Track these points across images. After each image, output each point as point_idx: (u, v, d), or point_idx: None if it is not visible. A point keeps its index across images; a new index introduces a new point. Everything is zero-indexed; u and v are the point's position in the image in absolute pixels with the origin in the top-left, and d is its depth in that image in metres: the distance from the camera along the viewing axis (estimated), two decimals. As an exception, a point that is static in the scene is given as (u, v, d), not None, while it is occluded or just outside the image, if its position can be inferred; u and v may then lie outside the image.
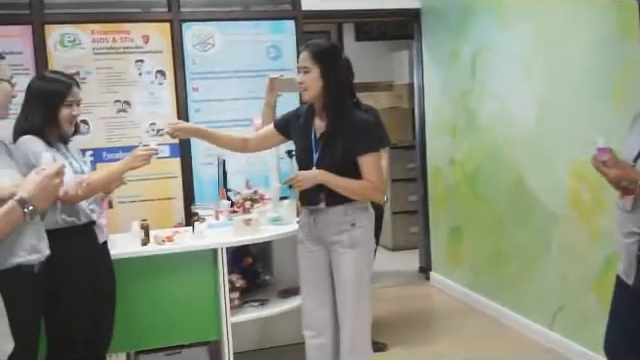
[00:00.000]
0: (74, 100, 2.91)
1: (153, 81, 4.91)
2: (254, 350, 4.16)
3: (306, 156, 2.98)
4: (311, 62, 2.87)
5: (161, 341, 3.68)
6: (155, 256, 3.56)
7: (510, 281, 4.46)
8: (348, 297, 2.96)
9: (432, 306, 5.27)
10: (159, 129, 4.92)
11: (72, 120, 2.93)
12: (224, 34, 5.04)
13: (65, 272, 2.73)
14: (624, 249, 2.40)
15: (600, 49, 3.46)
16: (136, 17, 4.92)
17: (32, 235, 2.48)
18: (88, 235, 2.94)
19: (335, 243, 2.96)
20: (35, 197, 1.76)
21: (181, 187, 4.96)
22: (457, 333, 4.48)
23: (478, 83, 4.76)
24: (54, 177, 1.84)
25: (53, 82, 2.90)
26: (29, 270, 2.44)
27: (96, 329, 3.00)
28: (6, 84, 2.39)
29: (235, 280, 3.88)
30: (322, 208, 2.94)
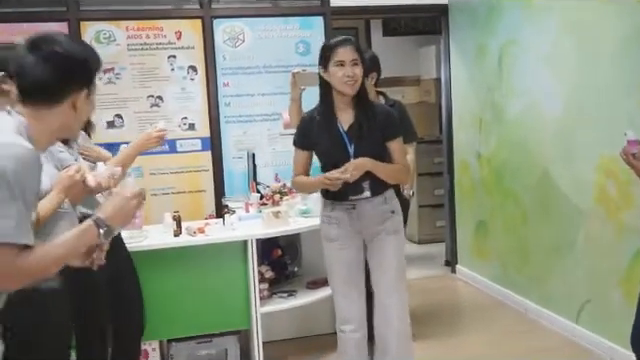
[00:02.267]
0: None
1: (185, 76, 4.95)
2: (282, 340, 4.17)
3: (339, 150, 2.92)
4: (358, 55, 2.87)
5: (192, 330, 3.71)
6: (187, 247, 3.59)
7: (536, 275, 4.42)
8: (394, 282, 3.01)
9: (458, 299, 5.24)
10: (191, 123, 4.97)
11: None
12: (254, 30, 5.06)
13: None
14: None
15: (629, 44, 3.40)
16: (169, 14, 4.96)
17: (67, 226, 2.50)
18: None
19: (378, 232, 2.97)
20: (112, 218, 1.75)
21: (212, 180, 5.00)
22: (483, 326, 4.45)
23: (505, 78, 4.71)
24: (132, 199, 1.84)
25: None
26: (64, 265, 2.49)
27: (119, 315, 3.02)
28: None
29: (264, 271, 3.90)
30: (367, 197, 2.91)
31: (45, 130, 1.76)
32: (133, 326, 3.17)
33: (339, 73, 2.85)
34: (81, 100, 1.78)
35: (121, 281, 3.05)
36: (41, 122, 1.74)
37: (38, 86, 1.73)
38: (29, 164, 1.58)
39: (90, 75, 1.81)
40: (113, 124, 4.80)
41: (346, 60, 2.84)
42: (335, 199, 2.98)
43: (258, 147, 4.71)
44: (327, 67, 2.91)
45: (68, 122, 1.80)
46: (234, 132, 5.01)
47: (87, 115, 1.89)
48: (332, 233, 3.02)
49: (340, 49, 2.87)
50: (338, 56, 2.85)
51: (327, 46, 2.98)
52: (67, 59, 1.75)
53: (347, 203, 2.95)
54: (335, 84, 2.89)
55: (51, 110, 1.74)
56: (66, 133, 1.91)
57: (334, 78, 2.88)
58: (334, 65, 2.86)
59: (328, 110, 2.96)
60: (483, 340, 4.17)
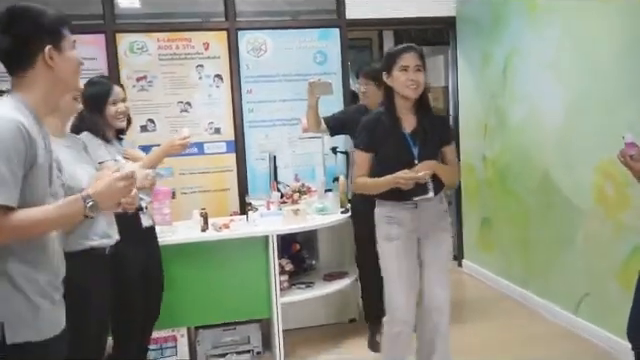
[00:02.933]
0: (116, 99, 2.94)
1: (211, 84, 4.97)
2: (300, 328, 4.18)
3: (404, 153, 2.84)
4: (421, 62, 2.82)
5: (218, 318, 3.73)
6: (213, 241, 3.61)
7: (538, 269, 4.40)
8: (446, 277, 3.00)
9: (464, 291, 5.22)
10: (217, 127, 5.00)
11: (119, 115, 2.95)
12: (275, 41, 5.07)
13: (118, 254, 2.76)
14: None
15: (627, 53, 3.37)
16: (197, 26, 4.99)
17: (104, 222, 2.55)
18: (134, 220, 2.94)
19: (434, 230, 2.94)
20: (99, 195, 1.74)
21: (236, 180, 5.02)
22: (487, 316, 4.43)
23: (509, 85, 4.68)
24: (123, 180, 1.82)
25: (96, 85, 2.93)
26: (101, 252, 2.52)
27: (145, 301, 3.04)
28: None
29: (284, 264, 3.91)
30: (430, 197, 2.83)
31: (37, 96, 1.75)
32: (154, 314, 3.18)
33: (402, 77, 2.79)
34: (51, 56, 1.73)
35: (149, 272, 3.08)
36: (29, 90, 1.74)
37: (4, 56, 1.74)
38: (9, 133, 1.58)
39: (46, 32, 1.74)
40: (146, 128, 4.84)
41: (410, 65, 2.79)
42: (397, 199, 2.86)
43: (279, 149, 4.73)
44: (391, 72, 2.85)
45: (53, 80, 1.76)
46: (257, 136, 5.03)
47: (71, 69, 1.81)
48: (393, 233, 2.92)
49: (405, 54, 2.81)
50: (403, 61, 2.80)
51: (392, 52, 2.92)
52: (17, 24, 1.73)
53: (410, 203, 2.85)
54: (398, 88, 2.83)
55: (30, 74, 1.73)
56: (60, 91, 1.84)
57: (397, 82, 2.82)
58: (398, 70, 2.80)
59: (391, 114, 2.89)
60: (487, 329, 4.15)
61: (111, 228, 2.60)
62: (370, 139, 2.92)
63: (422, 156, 2.83)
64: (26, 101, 1.73)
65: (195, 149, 4.89)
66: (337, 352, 3.88)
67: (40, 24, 1.73)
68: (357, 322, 4.31)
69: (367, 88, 3.90)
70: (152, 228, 3.13)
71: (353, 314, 4.36)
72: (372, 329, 3.98)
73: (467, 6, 5.30)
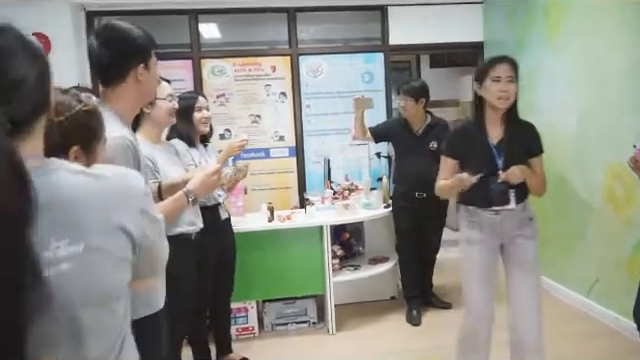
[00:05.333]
0: (201, 106, 2.97)
1: (277, 100, 5.01)
2: (349, 303, 4.15)
3: (488, 163, 2.43)
4: (514, 73, 2.43)
5: (281, 293, 3.75)
6: (278, 230, 3.63)
7: (554, 259, 4.23)
8: (535, 284, 2.52)
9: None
10: (281, 136, 5.02)
11: (205, 121, 2.98)
12: (329, 64, 5.06)
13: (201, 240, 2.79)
14: None
15: (634, 71, 3.20)
16: (266, 52, 5.04)
17: (191, 212, 2.58)
18: (214, 213, 2.97)
19: (517, 236, 2.50)
20: (197, 189, 1.83)
21: (296, 179, 5.04)
22: (508, 297, 4.30)
23: (527, 99, 4.50)
24: (212, 175, 1.90)
25: (185, 99, 2.94)
26: (188, 237, 2.55)
27: (220, 281, 3.06)
28: (164, 101, 2.40)
29: (336, 250, 3.90)
30: (512, 207, 2.45)
31: (125, 106, 1.73)
32: (229, 290, 3.21)
33: (494, 88, 2.40)
34: (141, 73, 1.71)
35: (226, 255, 3.11)
36: (119, 101, 1.71)
37: (103, 68, 1.70)
38: (122, 150, 1.61)
39: (142, 52, 1.72)
40: (224, 136, 4.91)
41: (502, 76, 2.40)
42: (479, 207, 2.48)
43: (332, 154, 4.71)
44: (483, 82, 2.45)
45: (140, 94, 1.74)
46: (314, 143, 5.04)
47: (154, 85, 1.81)
48: (474, 237, 2.51)
49: (498, 65, 2.43)
50: (495, 72, 2.40)
51: (486, 63, 2.52)
52: (117, 41, 1.70)
53: (491, 211, 2.47)
54: (489, 98, 2.43)
55: (122, 86, 1.70)
56: (142, 102, 1.83)
57: (489, 93, 2.42)
58: (490, 80, 2.40)
59: (479, 124, 2.50)
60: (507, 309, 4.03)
61: (197, 217, 2.62)
62: (454, 147, 2.55)
63: (507, 167, 2.42)
64: (118, 112, 1.70)
65: (263, 153, 4.94)
66: (379, 324, 3.84)
67: (137, 44, 1.72)
68: (396, 299, 4.25)
69: (406, 103, 3.82)
70: (228, 219, 3.16)
71: (393, 293, 4.30)
72: (409, 306, 3.93)
73: (493, 32, 5.15)
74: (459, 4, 5.14)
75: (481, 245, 2.50)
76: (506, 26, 4.85)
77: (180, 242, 2.48)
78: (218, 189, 2.95)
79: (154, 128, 2.43)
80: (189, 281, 2.59)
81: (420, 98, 3.78)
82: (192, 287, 2.62)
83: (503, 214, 2.45)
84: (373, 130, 3.97)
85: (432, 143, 3.79)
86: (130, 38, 1.71)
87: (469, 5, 5.19)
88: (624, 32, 3.28)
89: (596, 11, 3.57)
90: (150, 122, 2.42)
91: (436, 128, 3.85)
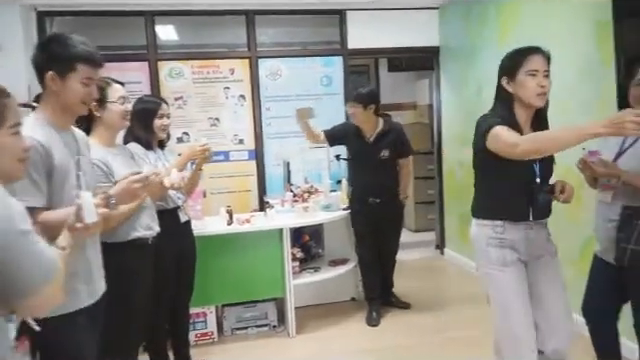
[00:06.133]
0: (164, 114, 2.91)
1: (236, 103, 4.98)
2: (309, 305, 4.16)
3: (529, 168, 2.10)
4: (549, 67, 2.12)
5: (240, 297, 3.71)
6: (237, 233, 3.59)
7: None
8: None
9: (446, 275, 5.19)
10: (240, 139, 4.99)
11: (164, 128, 2.93)
12: (289, 67, 5.07)
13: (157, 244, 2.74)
14: (604, 233, 2.31)
15: (584, 75, 3.33)
16: (224, 55, 4.99)
17: (147, 216, 2.54)
18: (173, 216, 2.93)
19: (542, 254, 2.19)
20: (118, 195, 1.76)
21: (256, 182, 5.02)
22: (465, 296, 4.39)
23: (482, 103, 4.60)
24: (135, 183, 1.84)
25: (147, 102, 2.91)
26: (144, 242, 2.51)
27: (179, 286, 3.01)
28: (115, 104, 2.34)
29: (295, 252, 3.89)
30: (546, 220, 2.21)
31: (51, 110, 1.76)
32: (188, 294, 3.16)
33: (531, 83, 2.04)
34: (52, 80, 1.72)
35: (186, 259, 3.07)
36: (45, 105, 1.77)
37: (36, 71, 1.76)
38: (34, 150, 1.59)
39: (55, 60, 1.72)
40: (182, 139, 4.84)
41: (540, 70, 2.06)
42: (514, 220, 2.12)
43: (292, 157, 4.70)
44: (514, 76, 2.08)
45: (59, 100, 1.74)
46: (273, 146, 5.03)
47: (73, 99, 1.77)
48: (508, 257, 2.12)
49: (533, 57, 2.07)
50: (531, 64, 2.05)
51: (517, 53, 2.12)
52: (42, 47, 1.75)
53: (525, 224, 2.12)
54: (524, 95, 2.07)
55: (45, 91, 1.75)
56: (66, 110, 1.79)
57: (523, 89, 2.06)
58: (525, 74, 2.05)
59: (513, 125, 2.05)
60: (466, 307, 4.12)
61: (153, 221, 2.59)
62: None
63: (543, 174, 2.13)
64: (45, 116, 1.74)
65: (222, 157, 4.90)
66: (340, 325, 3.86)
67: (53, 52, 1.73)
68: (356, 301, 4.29)
69: (354, 110, 3.75)
70: (188, 222, 3.12)
71: (353, 294, 4.34)
72: (370, 307, 3.96)
73: (449, 37, 5.27)
74: (416, 9, 5.24)
75: (516, 266, 2.12)
76: (461, 31, 4.97)
77: (137, 247, 2.46)
78: (177, 192, 2.91)
79: (107, 131, 2.38)
80: (146, 286, 2.55)
81: (369, 104, 3.72)
82: (148, 293, 2.57)
83: (536, 228, 2.15)
84: (328, 133, 3.97)
85: (383, 152, 3.78)
86: (51, 45, 1.74)
87: (425, 10, 5.29)
88: (574, 37, 3.41)
89: (546, 17, 3.70)
90: (102, 125, 2.37)
91: (390, 134, 3.83)
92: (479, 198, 2.27)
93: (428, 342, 3.50)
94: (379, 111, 3.85)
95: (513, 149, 1.91)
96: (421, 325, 3.79)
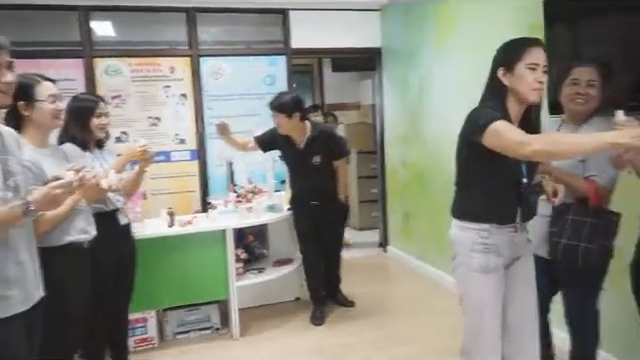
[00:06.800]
0: (102, 112, 2.79)
1: (178, 102, 4.87)
2: (253, 307, 4.13)
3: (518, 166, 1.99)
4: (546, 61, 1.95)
5: (182, 300, 3.63)
6: (179, 235, 3.52)
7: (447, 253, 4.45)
8: (536, 303, 2.15)
9: (389, 272, 5.27)
10: (182, 139, 4.88)
11: (102, 127, 2.81)
12: (231, 66, 5.01)
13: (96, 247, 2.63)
14: (539, 229, 2.37)
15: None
16: (165, 53, 4.86)
17: (83, 220, 2.45)
18: (112, 219, 2.83)
19: (522, 255, 2.12)
20: (36, 202, 1.67)
21: (199, 183, 4.93)
22: (407, 292, 4.49)
23: (423, 104, 4.76)
24: (56, 189, 1.75)
25: (84, 100, 2.80)
26: (79, 246, 2.42)
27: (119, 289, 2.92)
28: (44, 103, 2.23)
29: (239, 253, 3.84)
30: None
31: None
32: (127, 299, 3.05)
33: (530, 77, 1.91)
34: None
35: (125, 263, 2.97)
36: None
37: None
38: None
39: None
40: (120, 139, 4.68)
41: (540, 64, 1.92)
42: (501, 224, 2.01)
43: (235, 157, 4.64)
44: (513, 68, 1.95)
45: None
46: (216, 145, 4.93)
47: None
48: (490, 264, 2.01)
49: (534, 50, 1.93)
50: (532, 57, 1.92)
51: (516, 43, 2.00)
52: None
53: (511, 226, 2.03)
54: (521, 89, 1.94)
55: None
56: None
57: (521, 82, 1.93)
58: (525, 67, 1.92)
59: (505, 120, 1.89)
60: (407, 302, 4.21)
61: (89, 225, 2.49)
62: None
63: (529, 174, 2.03)
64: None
65: (163, 157, 4.78)
66: (284, 326, 3.84)
67: None
68: (301, 300, 4.29)
69: (279, 120, 3.66)
70: (128, 225, 3.02)
71: (298, 294, 4.33)
72: (314, 306, 3.97)
73: (390, 39, 5.36)
74: (358, 10, 5.29)
75: (497, 273, 2.03)
76: (402, 34, 5.06)
77: (71, 251, 2.37)
78: (116, 194, 2.82)
79: (37, 131, 2.26)
80: (82, 292, 2.45)
81: (293, 113, 3.62)
82: (85, 298, 2.48)
83: (520, 230, 2.07)
84: (259, 139, 3.92)
85: (315, 158, 3.75)
86: None
87: (367, 12, 5.35)
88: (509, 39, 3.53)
89: (482, 19, 3.82)
90: (32, 125, 2.25)
91: (319, 139, 3.77)
92: (464, 198, 2.11)
93: (372, 339, 3.54)
94: (305, 117, 3.77)
95: (521, 148, 1.75)
96: (365, 323, 3.83)
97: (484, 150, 1.89)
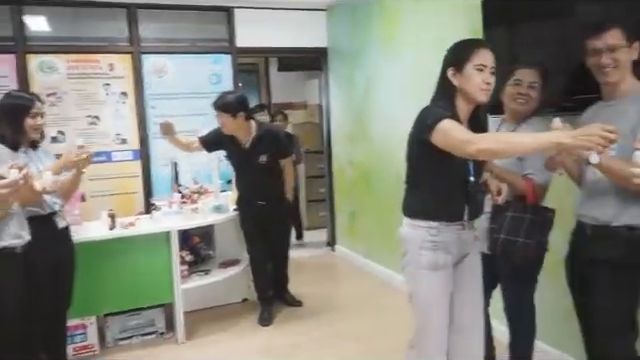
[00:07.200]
0: (37, 112, 2.67)
1: (118, 100, 4.71)
2: (201, 309, 4.05)
3: (465, 164, 2.02)
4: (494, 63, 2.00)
5: (124, 305, 3.52)
6: (120, 238, 3.41)
7: (394, 251, 4.53)
8: (482, 298, 2.22)
9: (337, 271, 5.30)
10: (123, 138, 4.73)
11: (37, 128, 2.69)
12: (175, 64, 4.89)
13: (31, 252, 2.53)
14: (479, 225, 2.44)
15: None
16: (104, 49, 4.69)
17: (16, 224, 2.36)
18: (49, 222, 2.72)
19: (469, 253, 2.16)
20: None
21: (142, 184, 4.79)
22: (355, 291, 4.53)
23: (370, 103, 4.81)
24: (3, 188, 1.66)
25: (18, 98, 2.68)
26: (11, 252, 2.33)
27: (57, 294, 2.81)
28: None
29: (184, 255, 3.77)
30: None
31: None
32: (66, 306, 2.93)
33: (478, 78, 1.96)
34: None
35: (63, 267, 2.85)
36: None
37: None
38: None
39: None
40: (57, 139, 4.48)
41: (488, 65, 1.97)
42: (450, 221, 2.04)
43: (180, 157, 4.54)
44: (462, 68, 1.99)
45: None
46: (160, 145, 4.80)
47: None
48: (439, 261, 2.04)
49: (482, 51, 1.98)
50: (480, 58, 1.96)
51: (465, 45, 2.05)
52: None
53: (459, 224, 2.06)
54: (469, 89, 1.98)
55: None
56: None
57: (469, 82, 1.97)
58: (473, 68, 1.96)
59: (454, 119, 1.94)
60: (354, 300, 4.25)
61: (22, 229, 2.39)
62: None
63: (476, 173, 2.06)
64: None
65: (104, 157, 4.62)
66: (231, 328, 3.79)
67: None
68: (249, 301, 4.24)
69: (223, 120, 3.60)
70: (67, 228, 2.90)
71: (245, 295, 4.29)
72: (262, 307, 3.94)
73: (336, 39, 5.38)
74: (303, 10, 5.29)
75: (446, 270, 2.07)
76: (348, 33, 5.10)
77: (3, 257, 2.29)
78: (53, 196, 2.69)
79: None
80: (13, 299, 2.35)
81: (237, 112, 3.58)
82: (19, 306, 2.37)
83: (467, 228, 2.10)
84: (203, 140, 3.85)
85: (261, 157, 3.72)
86: None
87: (313, 12, 5.36)
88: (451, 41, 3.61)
89: (426, 21, 3.90)
90: None
91: (265, 138, 3.74)
92: (414, 196, 2.13)
93: (320, 338, 3.55)
94: (250, 117, 3.74)
95: (467, 146, 1.80)
96: (313, 322, 3.84)
97: (433, 149, 1.93)
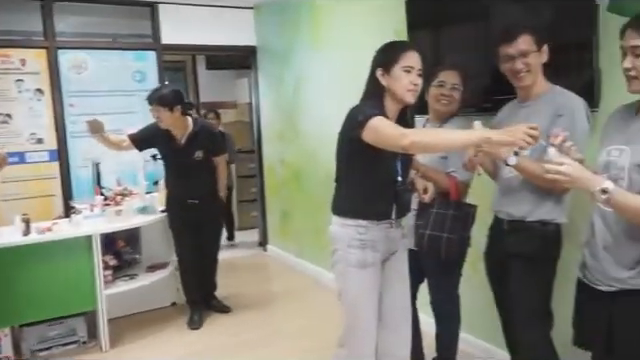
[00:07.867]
0: None
1: (32, 97, 4.43)
2: (126, 315, 3.89)
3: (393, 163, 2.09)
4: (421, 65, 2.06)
5: (43, 315, 3.32)
6: (36, 244, 3.21)
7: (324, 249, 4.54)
8: (409, 294, 2.28)
9: (269, 271, 5.27)
10: (39, 138, 4.46)
11: None
12: (96, 60, 4.67)
13: None
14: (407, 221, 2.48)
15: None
16: (16, 43, 4.40)
17: None
18: None
19: (397, 250, 2.21)
20: None
21: (60, 186, 4.53)
22: (287, 290, 4.52)
23: (299, 102, 4.81)
24: None
25: None
26: None
27: None
28: None
29: (108, 260, 3.61)
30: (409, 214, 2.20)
31: None
32: None
33: (405, 80, 2.01)
34: None
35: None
36: None
37: None
38: None
39: None
40: (-37, 139, 4.16)
41: (415, 67, 2.03)
42: (377, 220, 2.08)
43: (102, 157, 4.33)
44: (390, 69, 2.04)
45: None
46: (80, 145, 4.57)
47: None
48: (368, 259, 2.07)
49: (410, 54, 2.03)
50: (407, 61, 2.02)
51: (394, 46, 2.11)
52: None
53: (387, 223, 2.11)
54: (397, 90, 2.03)
55: None
56: None
57: (397, 83, 2.02)
58: (401, 69, 2.01)
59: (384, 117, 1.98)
60: (287, 300, 4.24)
61: None
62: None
63: (404, 173, 2.12)
64: None
65: (17, 158, 4.33)
66: (159, 333, 3.67)
67: None
68: (177, 305, 4.12)
69: (160, 114, 3.51)
70: None
71: (174, 298, 4.16)
72: (191, 310, 3.84)
73: (265, 37, 5.34)
74: (230, 7, 5.21)
75: (374, 267, 2.11)
76: (276, 32, 5.07)
77: None
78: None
79: None
80: None
81: (174, 106, 3.51)
82: None
83: (395, 226, 2.15)
84: (134, 137, 3.70)
85: (197, 153, 3.65)
86: None
87: (240, 10, 5.29)
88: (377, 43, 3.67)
89: (353, 22, 3.94)
90: None
91: (201, 134, 3.68)
92: (344, 194, 2.16)
93: (251, 339, 3.51)
94: (186, 111, 3.67)
95: (400, 139, 1.84)
96: (244, 323, 3.79)
97: (364, 146, 1.96)
